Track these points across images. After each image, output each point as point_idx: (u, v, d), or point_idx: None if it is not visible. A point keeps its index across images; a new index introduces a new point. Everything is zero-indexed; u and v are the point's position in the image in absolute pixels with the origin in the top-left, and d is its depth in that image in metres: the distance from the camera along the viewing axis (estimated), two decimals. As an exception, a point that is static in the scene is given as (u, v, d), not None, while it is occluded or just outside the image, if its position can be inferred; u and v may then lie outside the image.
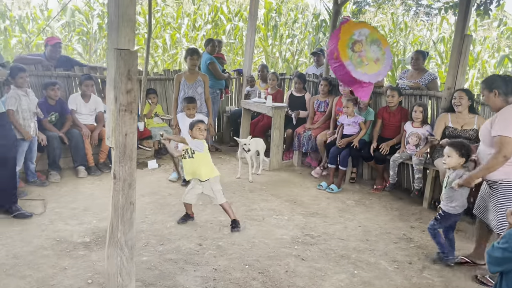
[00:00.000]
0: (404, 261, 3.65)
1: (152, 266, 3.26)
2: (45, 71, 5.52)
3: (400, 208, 4.95)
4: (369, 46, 2.95)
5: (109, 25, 2.25)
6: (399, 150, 5.25)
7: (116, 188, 2.32)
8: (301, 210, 4.68)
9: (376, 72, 2.98)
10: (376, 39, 2.95)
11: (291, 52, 12.53)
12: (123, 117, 2.25)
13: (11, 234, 3.65)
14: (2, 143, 3.82)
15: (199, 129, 3.99)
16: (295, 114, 6.44)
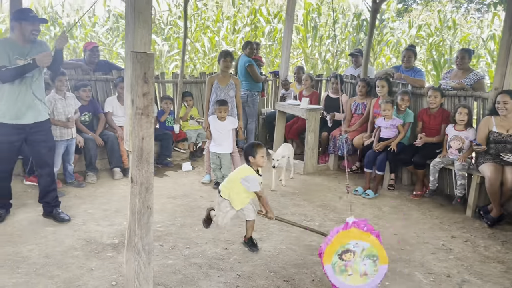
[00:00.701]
0: (441, 274, 3.41)
1: (176, 270, 3.24)
2: (84, 75, 5.70)
3: (440, 216, 4.67)
4: (361, 259, 2.79)
5: (125, 27, 2.24)
6: (440, 154, 4.96)
7: (133, 192, 2.31)
8: (333, 216, 4.52)
9: (358, 284, 2.82)
10: (375, 255, 2.79)
11: (331, 53, 12.30)
12: (139, 120, 2.23)
13: (46, 233, 3.76)
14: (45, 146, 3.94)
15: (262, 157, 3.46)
16: (330, 116, 6.27)
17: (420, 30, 12.40)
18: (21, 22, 3.64)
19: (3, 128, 3.74)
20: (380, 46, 12.19)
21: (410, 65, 6.13)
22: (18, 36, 3.69)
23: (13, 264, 3.20)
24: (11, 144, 3.79)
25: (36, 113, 3.82)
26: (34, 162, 4.10)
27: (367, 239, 2.79)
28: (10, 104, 3.68)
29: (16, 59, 3.64)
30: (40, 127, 3.87)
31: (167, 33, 12.09)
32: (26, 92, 3.72)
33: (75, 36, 12.02)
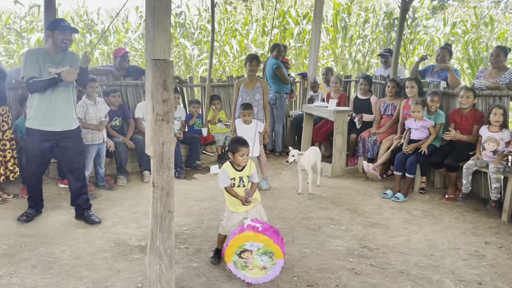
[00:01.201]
0: (472, 281, 3.29)
1: (201, 273, 3.28)
2: (115, 80, 5.86)
3: (474, 221, 4.51)
4: (258, 256, 3.04)
5: (146, 36, 2.29)
6: (474, 157, 4.79)
7: (154, 197, 2.36)
8: (361, 220, 4.45)
9: (260, 276, 3.08)
10: (270, 252, 3.04)
11: (362, 53, 12.11)
12: (160, 126, 2.27)
13: (77, 235, 3.89)
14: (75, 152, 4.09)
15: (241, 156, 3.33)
16: (358, 118, 6.17)
17: (455, 27, 12.01)
18: (53, 31, 3.80)
19: (33, 133, 3.90)
20: (413, 45, 11.90)
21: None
22: (51, 45, 3.85)
23: (45, 265, 3.32)
24: (41, 149, 3.95)
25: (66, 121, 3.96)
26: (64, 167, 4.24)
27: (260, 239, 3.00)
28: (41, 111, 3.84)
29: (48, 67, 3.79)
30: (69, 134, 4.01)
31: (197, 37, 12.26)
32: (56, 100, 3.86)
33: (109, 42, 12.38)
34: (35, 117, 3.86)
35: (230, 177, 3.36)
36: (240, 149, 3.30)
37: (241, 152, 3.31)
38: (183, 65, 11.92)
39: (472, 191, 4.99)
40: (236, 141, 3.36)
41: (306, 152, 5.34)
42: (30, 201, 4.17)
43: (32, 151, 3.99)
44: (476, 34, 11.76)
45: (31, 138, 3.94)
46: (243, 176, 3.39)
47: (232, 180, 3.37)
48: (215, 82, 7.05)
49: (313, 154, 5.39)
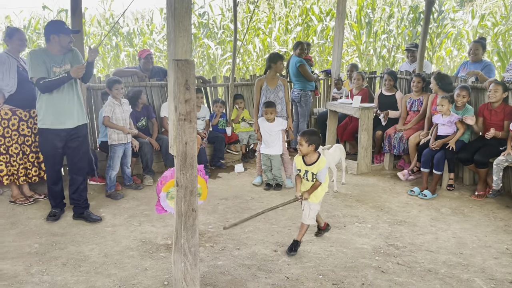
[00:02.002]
0: (504, 280, 3.20)
1: (226, 271, 3.30)
2: (140, 81, 5.96)
3: (506, 218, 4.37)
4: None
5: (167, 36, 2.31)
6: (504, 152, 4.64)
7: (178, 196, 2.38)
8: (387, 218, 4.38)
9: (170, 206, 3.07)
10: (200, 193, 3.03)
11: (387, 48, 11.90)
12: (182, 126, 2.30)
13: (105, 234, 3.98)
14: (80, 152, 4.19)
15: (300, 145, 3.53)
16: (383, 115, 6.08)
17: (484, 20, 11.65)
18: (59, 35, 3.95)
19: (45, 134, 4.05)
20: (439, 38, 11.61)
21: (477, 58, 5.75)
22: (55, 46, 3.99)
23: (75, 263, 3.42)
24: (55, 149, 4.07)
25: (75, 117, 4.09)
26: (68, 165, 4.33)
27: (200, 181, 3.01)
28: (50, 111, 3.97)
29: (52, 67, 3.95)
30: (79, 130, 4.13)
31: (220, 37, 12.32)
32: (64, 98, 3.99)
33: (134, 44, 12.60)
34: (46, 117, 4.00)
35: (297, 168, 3.63)
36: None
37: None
38: (207, 65, 12.01)
39: (503, 188, 4.84)
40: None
41: (331, 149, 5.29)
42: (51, 201, 4.32)
43: (46, 153, 4.14)
44: (506, 26, 11.37)
45: (43, 138, 4.10)
46: (309, 171, 3.55)
47: (298, 171, 3.63)
48: (238, 81, 7.06)
49: (337, 151, 5.33)
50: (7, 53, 4.47)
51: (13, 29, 4.62)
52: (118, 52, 12.37)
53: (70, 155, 4.18)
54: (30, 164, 4.67)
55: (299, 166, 3.62)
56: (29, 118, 4.57)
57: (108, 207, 4.65)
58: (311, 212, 3.64)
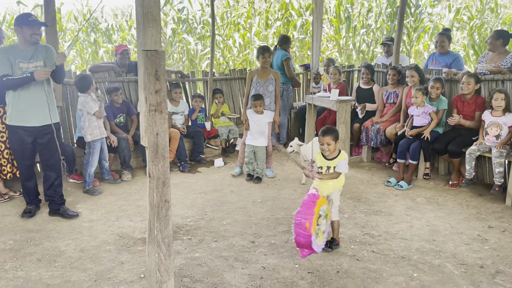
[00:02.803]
0: (474, 265, 3.29)
1: (203, 263, 3.31)
2: (117, 76, 5.91)
3: (478, 206, 4.48)
4: (324, 219, 3.15)
5: (136, 27, 2.31)
6: (477, 142, 4.76)
7: (151, 187, 2.38)
8: (364, 208, 4.45)
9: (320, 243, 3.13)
10: (327, 214, 3.18)
11: (366, 43, 12.02)
12: (153, 117, 2.30)
13: (81, 229, 3.95)
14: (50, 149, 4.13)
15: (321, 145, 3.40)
16: (361, 108, 6.15)
17: (459, 14, 11.87)
18: (21, 27, 3.86)
19: (13, 130, 4.00)
20: (417, 33, 11.78)
21: (444, 50, 5.91)
22: (20, 40, 3.92)
23: (50, 259, 3.38)
24: (23, 144, 4.02)
25: (43, 116, 4.00)
26: (41, 162, 4.28)
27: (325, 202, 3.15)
28: (17, 108, 3.92)
29: (19, 62, 3.86)
30: (48, 129, 4.05)
31: (200, 32, 12.27)
32: (31, 96, 3.92)
33: (114, 40, 12.45)
34: (13, 114, 3.94)
35: (318, 166, 3.44)
36: (319, 138, 3.41)
37: (321, 142, 3.39)
38: (186, 60, 11.96)
39: (476, 177, 4.97)
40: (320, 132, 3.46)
41: (309, 144, 5.34)
42: (26, 198, 4.27)
43: (15, 148, 4.09)
44: (481, 20, 11.60)
45: (12, 134, 4.05)
46: (331, 166, 3.42)
47: (320, 168, 3.43)
48: (217, 76, 7.06)
49: (316, 144, 5.38)
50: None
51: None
52: (97, 48, 12.21)
53: (42, 152, 4.12)
54: (4, 161, 4.60)
55: (320, 163, 3.45)
56: (3, 114, 4.48)
57: (85, 202, 4.62)
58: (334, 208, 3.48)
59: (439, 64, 5.88)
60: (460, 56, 6.10)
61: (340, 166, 3.41)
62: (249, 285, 3.00)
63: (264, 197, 4.78)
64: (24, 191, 4.26)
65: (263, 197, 4.76)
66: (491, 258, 3.39)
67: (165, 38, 11.88)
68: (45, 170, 4.19)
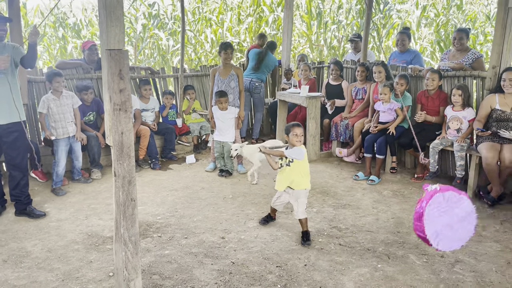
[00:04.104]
0: (435, 255, 3.43)
1: (172, 260, 3.33)
2: (85, 73, 5.81)
3: (441, 198, 4.65)
4: None
5: (99, 26, 2.30)
6: (439, 136, 4.93)
7: (116, 185, 2.39)
8: (332, 202, 4.55)
9: None
10: None
11: (337, 39, 12.19)
12: (118, 116, 2.30)
13: (49, 229, 3.90)
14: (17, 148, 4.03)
15: (295, 136, 3.58)
16: (330, 104, 6.27)
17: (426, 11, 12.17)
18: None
19: None
20: (386, 29, 12.02)
21: (404, 48, 6.15)
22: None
23: (16, 259, 3.34)
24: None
25: (6, 115, 3.91)
26: (5, 161, 4.15)
27: None
28: None
29: None
30: (12, 127, 3.97)
31: (171, 27, 12.15)
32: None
33: (83, 36, 12.19)
34: None
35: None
36: (293, 129, 3.58)
37: (294, 132, 3.58)
38: (158, 56, 11.83)
39: (439, 169, 5.14)
40: (290, 124, 3.66)
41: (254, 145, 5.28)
42: None
43: None
44: (447, 17, 11.94)
45: None
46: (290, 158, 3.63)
47: (281, 159, 3.69)
48: (188, 72, 7.04)
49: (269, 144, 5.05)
50: None
51: None
52: (65, 44, 11.93)
53: (7, 151, 4.03)
54: (-33, 161, 4.48)
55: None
56: None
57: (53, 202, 4.55)
58: (300, 205, 3.62)
59: (400, 61, 6.09)
60: (419, 53, 6.35)
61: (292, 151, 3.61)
62: (218, 281, 3.04)
63: (235, 193, 4.82)
64: None
65: (234, 193, 4.81)
66: (451, 248, 3.54)
67: (136, 34, 11.71)
68: (10, 169, 4.10)
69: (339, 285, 3.00)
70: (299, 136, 3.61)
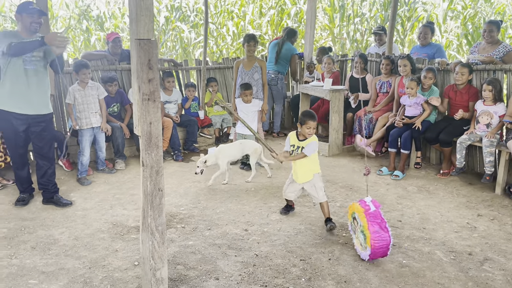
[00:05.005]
0: (463, 252, 3.35)
1: (196, 250, 3.35)
2: (110, 65, 5.87)
3: (468, 195, 4.55)
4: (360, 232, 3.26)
5: (129, 16, 2.30)
6: (467, 131, 4.81)
7: (144, 175, 2.40)
8: (356, 197, 4.49)
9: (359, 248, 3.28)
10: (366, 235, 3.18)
11: (360, 32, 12.00)
12: (146, 106, 2.31)
13: (75, 218, 3.96)
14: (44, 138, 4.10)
15: (308, 128, 3.62)
16: (353, 97, 6.18)
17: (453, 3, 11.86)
18: (21, 14, 3.84)
19: (5, 116, 3.93)
20: (410, 22, 11.77)
21: (426, 41, 6.04)
22: (21, 28, 3.89)
23: (44, 246, 3.40)
24: (16, 132, 3.97)
25: (37, 105, 3.98)
26: (34, 150, 4.24)
27: (362, 218, 3.17)
28: (12, 94, 3.86)
29: None
30: (41, 118, 4.03)
31: (193, 20, 12.17)
32: (29, 84, 3.88)
33: (106, 28, 12.32)
34: (7, 99, 3.88)
35: (290, 144, 3.77)
36: (308, 122, 3.62)
37: (308, 125, 3.63)
38: (180, 49, 11.88)
39: (467, 166, 5.03)
40: (306, 114, 3.68)
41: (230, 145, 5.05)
42: (19, 186, 4.27)
43: (7, 137, 4.08)
44: (475, 9, 11.61)
45: (4, 122, 3.98)
46: (301, 146, 3.70)
47: (292, 147, 3.76)
48: (210, 64, 7.04)
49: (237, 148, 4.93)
50: None
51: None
52: (89, 36, 12.08)
53: (35, 140, 4.10)
54: (-4, 149, 4.59)
55: (293, 142, 3.77)
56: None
57: (79, 191, 4.63)
58: (319, 191, 3.73)
59: (421, 56, 5.97)
60: (442, 47, 6.22)
61: (308, 147, 3.64)
62: (242, 272, 3.04)
63: (257, 185, 4.81)
64: (17, 180, 4.25)
65: (256, 186, 4.80)
66: (480, 245, 3.46)
67: (158, 26, 11.77)
68: (38, 159, 4.18)
69: (364, 280, 2.97)
70: (312, 129, 3.67)
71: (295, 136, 3.78)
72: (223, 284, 2.91)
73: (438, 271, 3.09)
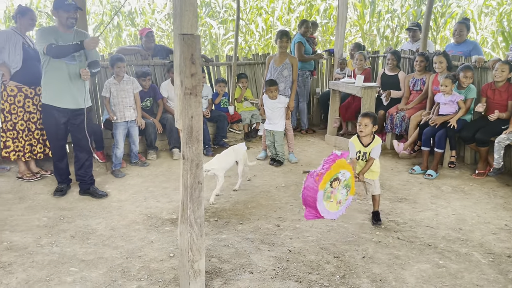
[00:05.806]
0: (502, 254, 3.27)
1: (230, 244, 3.38)
2: (143, 60, 5.96)
3: (506, 196, 4.44)
4: (342, 188, 3.13)
5: (173, 11, 2.33)
6: (506, 130, 4.67)
7: (185, 168, 2.44)
8: (388, 195, 4.44)
9: (332, 211, 3.12)
10: (349, 185, 3.16)
11: (390, 28, 11.80)
12: (188, 100, 2.34)
13: (111, 209, 4.06)
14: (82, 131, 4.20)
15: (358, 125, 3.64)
16: (385, 94, 6.09)
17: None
18: (58, 10, 3.94)
19: (48, 109, 4.09)
20: (444, 18, 11.49)
21: (461, 39, 5.86)
22: (59, 24, 4.00)
23: (83, 236, 3.50)
24: (57, 124, 4.11)
25: (76, 100, 4.10)
26: (73, 142, 4.38)
27: (350, 169, 3.17)
28: (54, 88, 4.01)
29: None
30: (79, 112, 4.15)
31: (223, 16, 12.22)
32: (69, 79, 4.01)
33: (136, 23, 12.52)
34: (49, 94, 4.03)
35: (356, 150, 3.70)
36: (359, 119, 3.67)
37: (358, 122, 3.68)
38: (209, 45, 11.95)
39: (504, 166, 4.89)
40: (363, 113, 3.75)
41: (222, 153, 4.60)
42: (57, 177, 4.40)
43: (48, 129, 4.20)
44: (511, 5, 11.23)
45: (46, 113, 4.13)
46: (367, 151, 3.69)
47: (358, 153, 3.72)
48: (241, 60, 7.06)
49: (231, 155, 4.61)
50: (14, 30, 4.49)
51: (26, 8, 4.68)
52: (120, 32, 12.31)
53: (74, 132, 4.22)
54: (35, 141, 4.73)
55: (358, 147, 3.72)
56: (35, 95, 4.60)
57: (113, 183, 4.73)
58: (376, 183, 3.79)
59: (456, 53, 5.80)
60: (478, 43, 6.02)
61: (374, 151, 3.64)
62: (275, 267, 3.05)
63: (288, 182, 4.81)
64: (56, 171, 4.38)
65: (287, 182, 4.80)
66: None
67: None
68: (76, 150, 4.30)
69: (399, 279, 2.94)
70: (361, 126, 3.64)
71: (358, 141, 3.73)
72: (257, 278, 2.92)
73: (477, 272, 3.02)
